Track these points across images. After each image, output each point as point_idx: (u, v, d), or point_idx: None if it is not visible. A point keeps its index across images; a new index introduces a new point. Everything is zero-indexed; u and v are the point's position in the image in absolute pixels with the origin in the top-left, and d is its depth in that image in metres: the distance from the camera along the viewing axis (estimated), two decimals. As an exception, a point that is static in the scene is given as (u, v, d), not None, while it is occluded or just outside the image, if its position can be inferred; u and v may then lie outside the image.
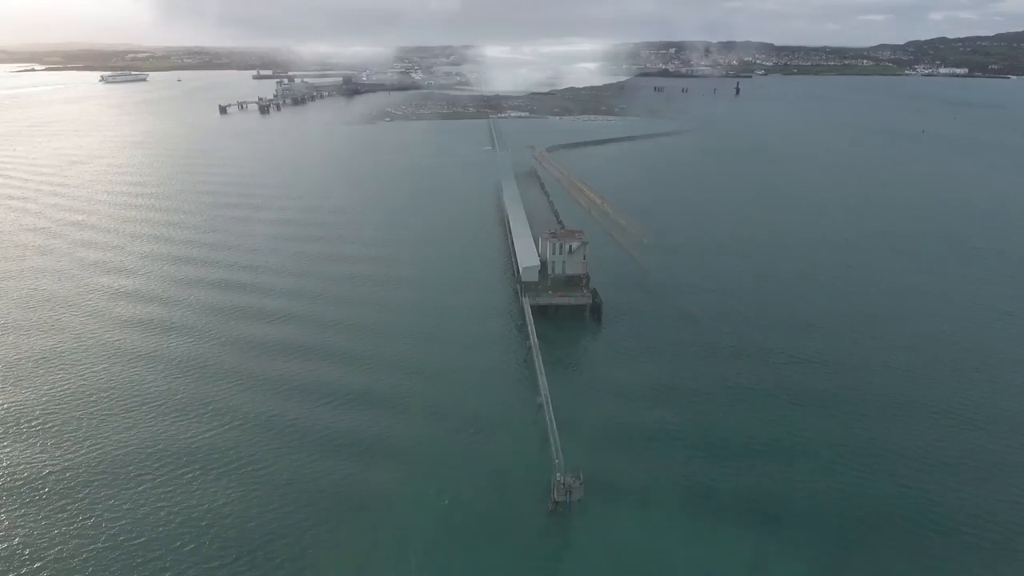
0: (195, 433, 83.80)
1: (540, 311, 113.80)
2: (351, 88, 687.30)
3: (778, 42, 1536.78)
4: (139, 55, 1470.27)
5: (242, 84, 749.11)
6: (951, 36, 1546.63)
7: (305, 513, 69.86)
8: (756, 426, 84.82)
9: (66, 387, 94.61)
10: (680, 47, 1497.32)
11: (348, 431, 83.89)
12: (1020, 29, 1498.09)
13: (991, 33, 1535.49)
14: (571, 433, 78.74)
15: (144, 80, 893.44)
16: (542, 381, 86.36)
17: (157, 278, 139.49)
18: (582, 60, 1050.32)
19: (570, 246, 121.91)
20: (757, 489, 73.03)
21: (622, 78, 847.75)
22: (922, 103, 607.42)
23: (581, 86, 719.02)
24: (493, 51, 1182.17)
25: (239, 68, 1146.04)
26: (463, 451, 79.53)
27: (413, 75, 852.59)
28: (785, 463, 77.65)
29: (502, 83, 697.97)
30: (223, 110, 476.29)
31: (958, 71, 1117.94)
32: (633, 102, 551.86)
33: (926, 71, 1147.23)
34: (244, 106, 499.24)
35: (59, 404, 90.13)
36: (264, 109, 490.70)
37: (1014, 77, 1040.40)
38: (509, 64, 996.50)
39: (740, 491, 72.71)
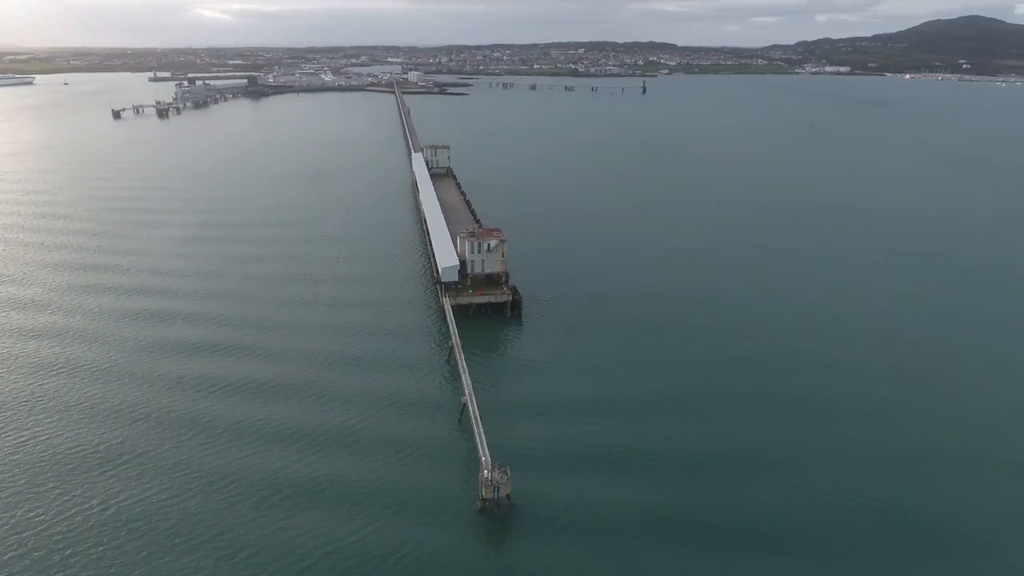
0: (111, 437, 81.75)
1: (461, 311, 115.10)
2: (257, 90, 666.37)
3: (680, 42, 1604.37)
4: (19, 56, 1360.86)
5: (137, 87, 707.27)
6: (835, 37, 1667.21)
7: (227, 507, 69.63)
8: (679, 412, 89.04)
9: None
10: (588, 47, 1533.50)
11: (271, 431, 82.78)
12: (894, 31, 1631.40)
13: (870, 34, 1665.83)
14: (497, 429, 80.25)
15: (31, 83, 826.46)
16: (465, 380, 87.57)
17: (57, 288, 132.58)
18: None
19: (488, 244, 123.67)
20: (685, 477, 76.36)
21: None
22: (811, 99, 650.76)
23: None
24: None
25: (133, 70, 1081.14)
26: (388, 454, 79.42)
27: (323, 76, 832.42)
28: (707, 449, 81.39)
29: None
30: (117, 115, 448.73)
31: (842, 69, 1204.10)
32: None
33: (814, 69, 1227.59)
34: (140, 110, 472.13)
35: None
36: (162, 113, 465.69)
37: (889, 74, 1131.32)
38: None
39: (672, 478, 75.74)
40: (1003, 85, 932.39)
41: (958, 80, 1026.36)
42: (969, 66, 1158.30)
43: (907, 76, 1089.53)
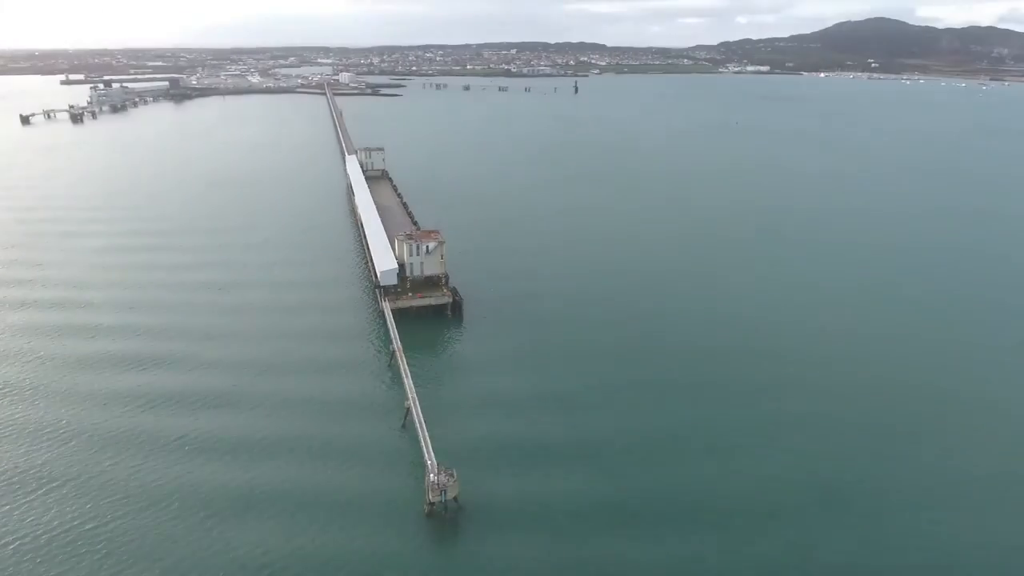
0: (31, 461, 77.13)
1: (401, 313, 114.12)
2: (179, 93, 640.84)
3: (609, 43, 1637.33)
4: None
5: (48, 91, 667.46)
6: (755, 37, 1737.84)
7: (164, 527, 67.04)
8: (620, 404, 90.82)
9: None
10: (521, 48, 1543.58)
11: (208, 445, 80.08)
12: (809, 31, 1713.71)
13: (787, 35, 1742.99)
14: (442, 432, 79.92)
15: None
16: (408, 383, 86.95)
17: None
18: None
19: (427, 246, 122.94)
20: (629, 467, 77.85)
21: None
22: (734, 98, 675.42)
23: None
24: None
25: (42, 73, 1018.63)
26: (332, 463, 78.08)
27: (250, 78, 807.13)
28: (649, 438, 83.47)
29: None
30: (25, 120, 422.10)
31: (762, 69, 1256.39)
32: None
33: (736, 69, 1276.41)
34: (52, 115, 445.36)
35: None
36: (77, 118, 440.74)
37: (806, 73, 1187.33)
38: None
39: (616, 469, 77.13)
40: (907, 83, 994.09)
41: (868, 78, 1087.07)
42: (877, 65, 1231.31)
43: (822, 75, 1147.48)
